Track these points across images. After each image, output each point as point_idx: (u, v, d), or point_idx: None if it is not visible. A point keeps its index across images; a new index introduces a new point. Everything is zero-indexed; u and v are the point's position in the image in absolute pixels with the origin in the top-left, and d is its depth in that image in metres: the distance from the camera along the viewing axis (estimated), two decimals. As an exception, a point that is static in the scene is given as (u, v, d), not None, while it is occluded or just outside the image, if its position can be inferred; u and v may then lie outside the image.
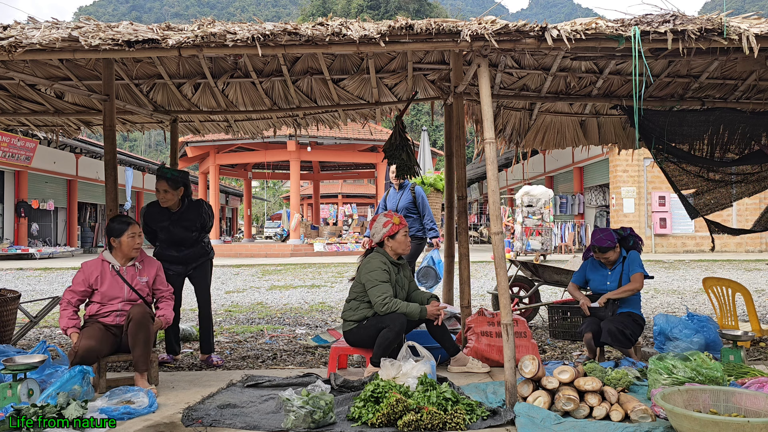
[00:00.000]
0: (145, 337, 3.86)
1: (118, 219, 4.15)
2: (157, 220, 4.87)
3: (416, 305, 4.17)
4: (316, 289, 10.80)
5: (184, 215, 4.83)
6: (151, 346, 3.95)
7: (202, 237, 4.98)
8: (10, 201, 23.46)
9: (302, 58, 5.33)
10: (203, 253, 4.97)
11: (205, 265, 4.99)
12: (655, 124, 5.46)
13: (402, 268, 4.45)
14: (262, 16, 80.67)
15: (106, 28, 3.74)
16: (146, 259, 4.24)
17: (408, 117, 10.11)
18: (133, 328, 3.85)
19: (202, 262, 4.96)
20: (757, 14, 3.88)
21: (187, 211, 4.85)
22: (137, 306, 3.96)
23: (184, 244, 4.86)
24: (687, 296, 9.31)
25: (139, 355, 3.85)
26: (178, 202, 4.82)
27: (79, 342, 3.79)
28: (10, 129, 7.06)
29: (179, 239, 4.83)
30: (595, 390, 3.33)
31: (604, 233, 4.57)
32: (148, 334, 3.89)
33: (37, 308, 6.77)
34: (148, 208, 4.95)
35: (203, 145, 21.91)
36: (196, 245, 4.93)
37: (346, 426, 3.16)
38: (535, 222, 19.96)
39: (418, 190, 6.79)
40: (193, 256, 4.89)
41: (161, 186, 4.74)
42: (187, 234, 4.86)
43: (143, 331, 3.85)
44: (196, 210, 4.91)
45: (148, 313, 3.96)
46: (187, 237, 4.86)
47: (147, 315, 3.92)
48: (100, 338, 3.84)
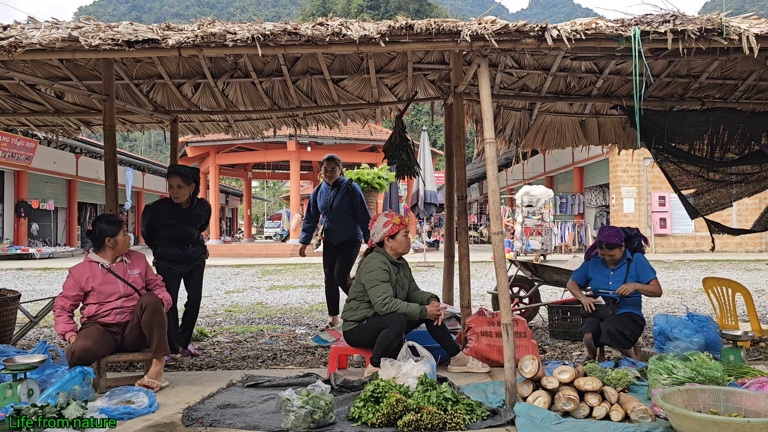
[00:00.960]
0: (161, 320, 3.95)
1: (106, 219, 4.13)
2: (164, 218, 4.91)
3: (416, 305, 4.17)
4: (316, 289, 10.79)
5: (193, 211, 4.97)
6: (166, 329, 4.03)
7: (199, 235, 5.12)
8: (10, 201, 23.46)
9: (302, 58, 5.33)
10: (203, 251, 5.12)
11: (202, 265, 5.17)
12: (655, 124, 5.46)
13: (402, 268, 4.45)
14: (262, 16, 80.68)
15: (106, 28, 3.74)
16: (131, 252, 4.26)
17: (408, 117, 10.11)
18: (147, 316, 3.93)
19: (201, 261, 5.12)
20: (757, 14, 3.88)
21: (196, 208, 4.99)
22: (148, 295, 4.03)
23: (189, 242, 4.95)
24: (687, 296, 9.31)
25: (158, 340, 3.94)
26: (188, 199, 4.94)
27: (75, 343, 3.79)
28: (10, 129, 7.06)
29: (186, 236, 4.92)
30: (595, 390, 3.33)
31: (613, 230, 4.57)
32: (162, 318, 3.98)
33: (37, 308, 6.77)
34: (153, 207, 4.97)
35: (203, 145, 21.90)
36: (198, 243, 5.06)
37: (346, 426, 3.16)
38: (535, 222, 19.96)
39: (355, 188, 6.15)
40: (195, 255, 5.01)
41: (175, 181, 4.84)
42: (192, 231, 4.98)
43: (158, 315, 3.94)
44: (203, 206, 5.07)
45: (159, 299, 4.04)
46: (191, 234, 4.97)
47: (158, 300, 4.01)
48: (97, 339, 3.84)
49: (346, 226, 6.07)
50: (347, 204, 6.06)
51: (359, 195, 6.10)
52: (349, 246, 6.10)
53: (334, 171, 6.15)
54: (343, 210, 6.05)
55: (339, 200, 6.06)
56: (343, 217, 6.05)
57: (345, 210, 6.05)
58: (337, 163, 6.22)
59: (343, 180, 6.17)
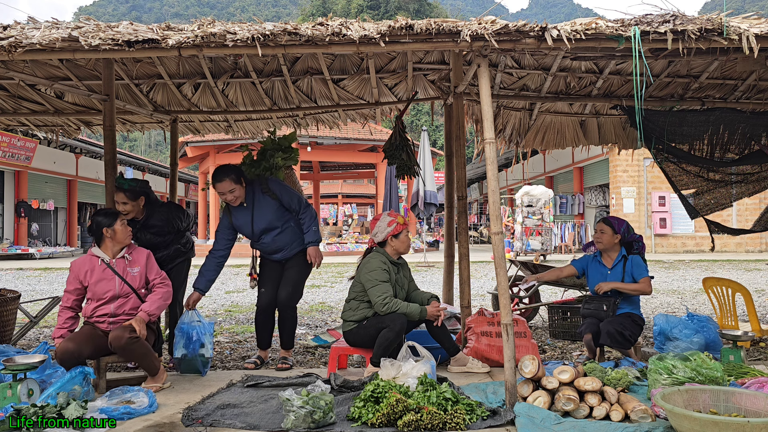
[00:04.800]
0: (138, 352, 3.85)
1: (103, 212, 4.12)
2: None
3: (416, 306, 4.17)
4: (316, 289, 10.79)
5: (148, 222, 4.71)
6: (150, 354, 3.93)
7: (178, 239, 4.87)
8: (10, 201, 23.46)
9: (302, 58, 5.33)
10: (179, 254, 4.87)
11: (180, 267, 4.88)
12: (655, 124, 5.46)
13: (401, 268, 4.45)
14: (262, 16, 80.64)
15: (106, 28, 3.74)
16: (135, 249, 4.19)
17: (408, 117, 10.09)
18: (121, 354, 3.87)
19: (177, 263, 4.87)
20: (757, 14, 3.88)
21: (151, 218, 4.71)
22: (115, 331, 3.80)
23: (159, 247, 4.74)
24: (687, 296, 9.31)
25: (144, 367, 3.95)
26: (142, 211, 4.69)
27: (59, 344, 3.80)
28: (10, 129, 7.07)
29: (152, 245, 4.68)
30: (595, 390, 3.33)
31: (619, 219, 4.66)
32: (138, 348, 3.83)
33: (37, 308, 6.77)
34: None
35: (203, 145, 21.91)
36: (170, 248, 4.82)
37: (346, 426, 3.16)
38: (535, 222, 19.97)
39: (272, 183, 4.73)
40: (166, 259, 4.76)
41: (119, 198, 4.57)
42: (159, 239, 4.76)
43: (129, 353, 3.85)
44: (164, 215, 4.76)
45: (127, 336, 3.76)
46: (160, 242, 4.76)
47: (125, 338, 3.75)
48: (81, 340, 3.81)
49: (287, 238, 4.72)
50: (278, 209, 4.68)
51: (280, 186, 4.75)
52: (298, 259, 4.77)
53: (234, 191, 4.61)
54: (278, 220, 4.66)
55: (267, 213, 4.65)
56: (284, 229, 4.69)
57: (281, 218, 4.67)
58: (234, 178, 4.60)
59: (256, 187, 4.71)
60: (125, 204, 4.58)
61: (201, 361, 4.38)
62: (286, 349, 4.80)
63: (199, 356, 4.38)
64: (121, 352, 3.81)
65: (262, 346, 4.85)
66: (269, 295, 4.73)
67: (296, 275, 4.73)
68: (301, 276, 4.77)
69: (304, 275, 4.79)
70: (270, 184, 4.73)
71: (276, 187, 4.73)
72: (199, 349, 4.38)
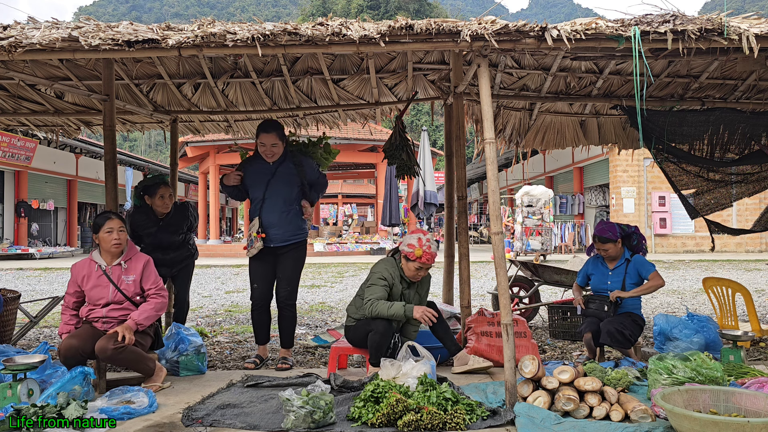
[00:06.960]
0: (125, 362, 3.88)
1: (102, 215, 4.12)
2: (143, 227, 4.94)
3: (399, 305, 4.07)
4: (316, 289, 10.79)
5: (171, 220, 4.93)
6: (141, 358, 3.91)
7: (188, 238, 5.08)
8: (10, 201, 23.46)
9: (302, 58, 5.33)
10: (188, 254, 5.07)
11: (189, 267, 5.11)
12: (655, 124, 5.46)
13: (414, 285, 4.37)
14: (262, 16, 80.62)
15: (106, 28, 3.74)
16: (134, 256, 4.09)
17: (408, 117, 10.09)
18: (110, 363, 3.92)
19: (186, 264, 5.07)
20: (757, 14, 3.88)
21: (174, 216, 4.95)
22: (100, 341, 3.76)
23: (171, 248, 4.93)
24: (687, 296, 9.31)
25: (138, 371, 3.96)
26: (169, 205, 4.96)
27: (63, 341, 3.81)
28: (10, 129, 7.06)
29: (166, 244, 4.90)
30: (595, 390, 3.33)
31: (608, 225, 4.60)
32: (124, 360, 3.83)
33: (37, 308, 6.77)
34: (133, 216, 4.98)
35: (203, 145, 21.92)
36: (182, 248, 5.02)
37: (346, 426, 3.16)
38: (535, 222, 19.97)
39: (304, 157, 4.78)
40: (178, 259, 4.98)
41: (166, 192, 4.87)
42: (174, 238, 4.95)
43: (117, 362, 3.88)
44: (182, 213, 5.00)
45: (112, 347, 3.71)
46: (173, 241, 4.95)
47: (109, 350, 3.70)
48: (84, 337, 3.81)
49: (292, 216, 4.53)
50: (292, 179, 4.44)
51: (308, 160, 4.72)
52: (295, 250, 4.62)
53: (276, 146, 4.58)
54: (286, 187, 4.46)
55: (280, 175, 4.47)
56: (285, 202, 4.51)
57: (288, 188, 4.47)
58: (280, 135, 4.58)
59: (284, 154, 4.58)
60: (171, 197, 4.92)
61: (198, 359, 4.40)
62: (286, 348, 4.80)
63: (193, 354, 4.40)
64: (107, 361, 3.84)
65: (261, 341, 4.88)
66: (262, 289, 4.73)
67: (292, 272, 4.68)
68: (297, 272, 4.75)
69: (299, 270, 4.76)
70: (301, 156, 4.73)
71: (305, 160, 4.72)
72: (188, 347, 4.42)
